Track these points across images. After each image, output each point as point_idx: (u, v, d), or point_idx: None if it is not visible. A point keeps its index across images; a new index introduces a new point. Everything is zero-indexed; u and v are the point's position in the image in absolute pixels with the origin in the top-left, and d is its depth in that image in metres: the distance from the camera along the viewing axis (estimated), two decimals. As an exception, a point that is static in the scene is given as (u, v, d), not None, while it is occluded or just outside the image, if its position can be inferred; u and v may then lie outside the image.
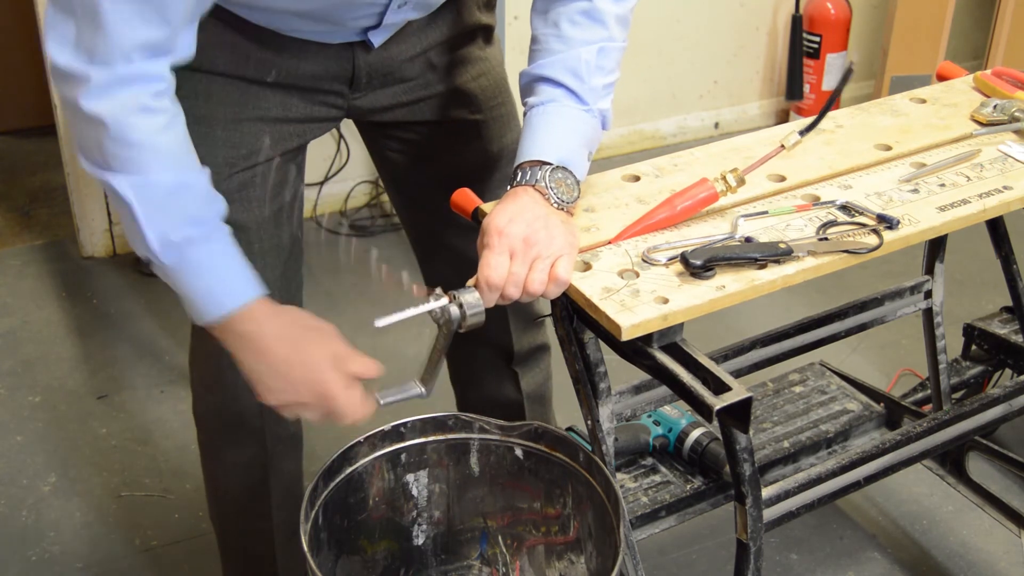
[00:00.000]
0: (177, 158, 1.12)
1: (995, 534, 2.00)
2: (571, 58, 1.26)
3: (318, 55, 1.32)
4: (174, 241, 1.12)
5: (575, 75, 1.26)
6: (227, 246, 1.17)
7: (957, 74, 1.67)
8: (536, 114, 1.27)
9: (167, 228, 1.12)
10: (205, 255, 1.15)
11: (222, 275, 1.16)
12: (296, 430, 1.61)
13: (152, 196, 1.11)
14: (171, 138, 1.12)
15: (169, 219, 1.12)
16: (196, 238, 1.13)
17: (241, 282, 1.17)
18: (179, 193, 1.12)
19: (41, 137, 3.50)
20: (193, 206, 1.14)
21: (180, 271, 1.15)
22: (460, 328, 1.17)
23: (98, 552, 2.01)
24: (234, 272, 1.17)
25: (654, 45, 3.50)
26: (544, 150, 1.23)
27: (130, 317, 2.70)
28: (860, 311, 1.69)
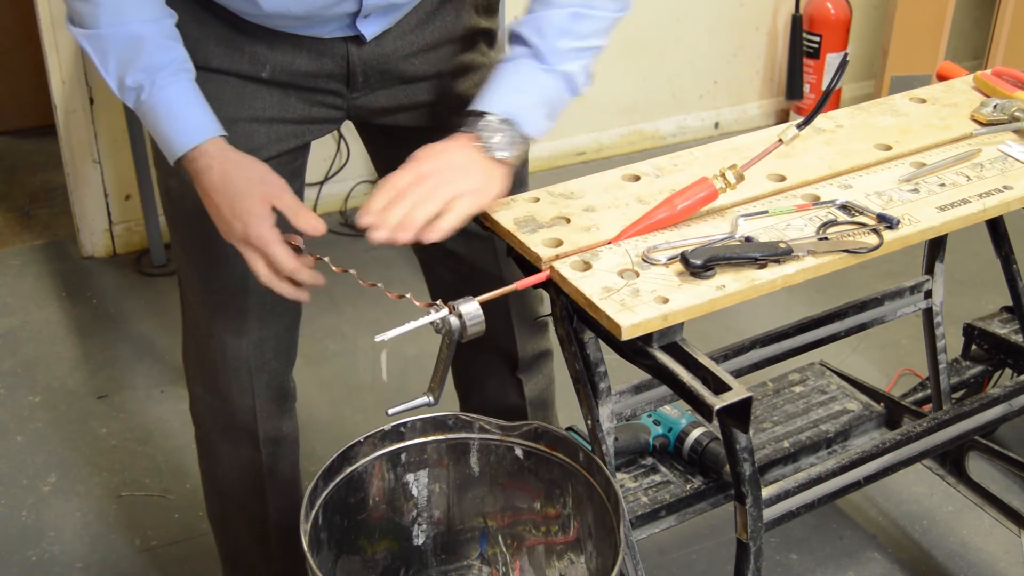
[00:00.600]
0: (120, 13, 1.21)
1: (995, 534, 2.00)
2: (541, 18, 1.29)
3: (311, 50, 1.32)
4: (129, 87, 1.23)
5: (539, 34, 1.28)
6: (179, 91, 1.24)
7: (957, 74, 1.67)
8: (496, 70, 1.30)
9: (120, 75, 1.23)
10: (157, 100, 1.23)
11: (175, 118, 1.23)
12: (292, 431, 1.61)
13: (104, 47, 1.22)
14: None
15: (121, 67, 1.22)
16: (147, 84, 1.22)
17: (191, 125, 1.24)
18: (127, 45, 1.21)
19: (41, 137, 3.50)
20: (143, 57, 1.21)
21: (142, 114, 1.25)
22: (462, 338, 1.17)
23: (98, 552, 2.01)
24: (185, 116, 1.24)
25: (654, 45, 3.50)
26: (490, 102, 1.26)
27: (130, 317, 2.70)
28: (860, 311, 1.69)
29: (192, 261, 1.42)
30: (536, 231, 1.27)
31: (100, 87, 2.82)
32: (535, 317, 1.62)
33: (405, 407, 1.25)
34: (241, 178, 1.22)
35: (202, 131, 1.24)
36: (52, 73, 2.78)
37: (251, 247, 1.22)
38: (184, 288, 1.49)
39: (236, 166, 1.23)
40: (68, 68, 2.78)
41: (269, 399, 1.52)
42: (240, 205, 1.21)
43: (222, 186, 1.22)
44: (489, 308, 1.18)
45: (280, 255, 1.21)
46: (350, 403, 2.39)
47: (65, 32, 2.71)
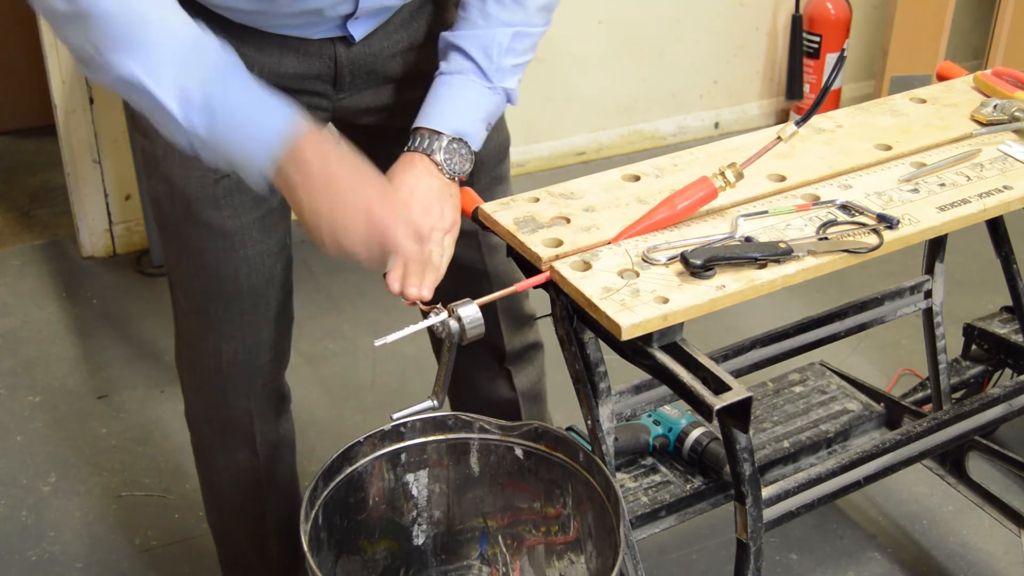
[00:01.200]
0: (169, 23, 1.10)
1: (995, 534, 2.00)
2: (486, 36, 1.32)
3: (299, 51, 1.32)
4: (195, 102, 1.08)
5: (486, 54, 1.32)
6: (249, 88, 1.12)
7: (957, 74, 1.67)
8: (442, 83, 1.33)
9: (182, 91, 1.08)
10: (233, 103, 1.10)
11: (258, 115, 1.11)
12: (288, 433, 1.61)
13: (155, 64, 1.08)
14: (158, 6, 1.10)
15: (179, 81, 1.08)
16: (217, 93, 1.09)
17: (280, 114, 1.12)
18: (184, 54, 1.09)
19: (41, 137, 3.50)
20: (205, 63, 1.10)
21: (216, 131, 1.10)
22: (462, 341, 1.18)
23: (98, 552, 2.01)
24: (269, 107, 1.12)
25: (654, 45, 3.50)
26: (443, 120, 1.29)
27: (130, 317, 2.70)
28: (860, 311, 1.69)
29: (184, 268, 1.41)
30: (536, 231, 1.27)
31: (100, 87, 2.82)
32: (525, 318, 1.62)
33: (409, 412, 1.25)
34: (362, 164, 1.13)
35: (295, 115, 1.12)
36: (52, 73, 2.78)
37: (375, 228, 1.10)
38: (176, 294, 1.48)
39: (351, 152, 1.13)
40: (68, 68, 2.78)
41: (264, 403, 1.52)
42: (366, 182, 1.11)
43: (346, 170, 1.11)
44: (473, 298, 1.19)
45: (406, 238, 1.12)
46: (350, 403, 2.39)
47: (65, 32, 2.72)
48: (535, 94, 3.32)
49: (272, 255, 1.41)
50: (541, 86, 3.33)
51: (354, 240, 1.11)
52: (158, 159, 1.34)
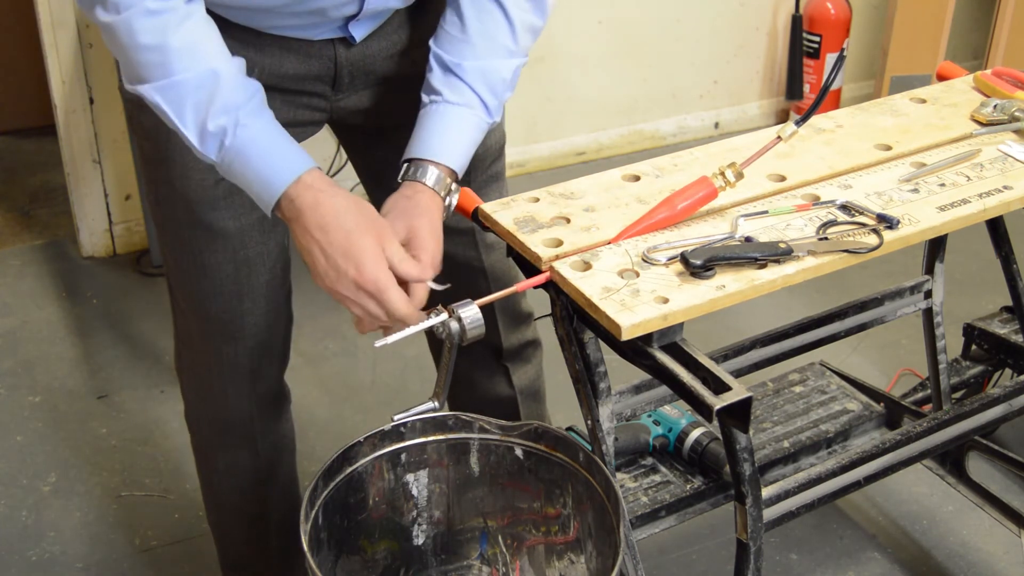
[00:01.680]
0: (194, 54, 1.14)
1: (995, 534, 2.00)
2: (491, 71, 1.30)
3: (299, 52, 1.32)
4: (211, 132, 1.14)
5: (492, 91, 1.30)
6: (266, 127, 1.17)
7: (957, 74, 1.67)
8: (455, 114, 1.29)
9: (200, 122, 1.14)
10: (244, 140, 1.15)
11: (267, 155, 1.16)
12: (288, 433, 1.61)
13: (178, 96, 1.13)
14: (183, 36, 1.13)
15: (199, 114, 1.14)
16: (230, 126, 1.14)
17: (287, 159, 1.17)
18: (204, 87, 1.14)
19: (41, 137, 3.50)
20: (222, 96, 1.14)
21: (228, 163, 1.16)
22: (462, 342, 1.18)
23: (98, 552, 2.01)
24: (279, 150, 1.17)
25: (654, 45, 3.50)
26: (455, 159, 1.28)
27: (130, 317, 2.70)
28: (860, 311, 1.69)
29: (184, 269, 1.41)
30: (536, 231, 1.27)
31: (100, 87, 2.82)
32: (528, 315, 1.62)
33: (410, 413, 1.26)
34: (354, 215, 1.16)
35: (303, 162, 1.17)
36: (52, 73, 2.78)
37: (363, 291, 1.14)
38: (175, 295, 1.48)
39: (348, 201, 1.17)
40: (68, 68, 2.78)
41: (265, 403, 1.52)
42: (355, 245, 1.14)
43: (335, 222, 1.14)
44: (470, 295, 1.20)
45: (397, 301, 1.14)
46: (350, 403, 2.39)
47: (65, 32, 2.72)
48: (535, 94, 3.32)
49: (272, 256, 1.41)
50: (541, 86, 3.33)
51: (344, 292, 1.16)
52: (158, 161, 1.35)
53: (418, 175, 1.26)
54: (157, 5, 1.11)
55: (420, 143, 1.28)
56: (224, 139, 1.15)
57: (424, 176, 1.26)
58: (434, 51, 1.31)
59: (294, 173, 1.16)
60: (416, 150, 1.28)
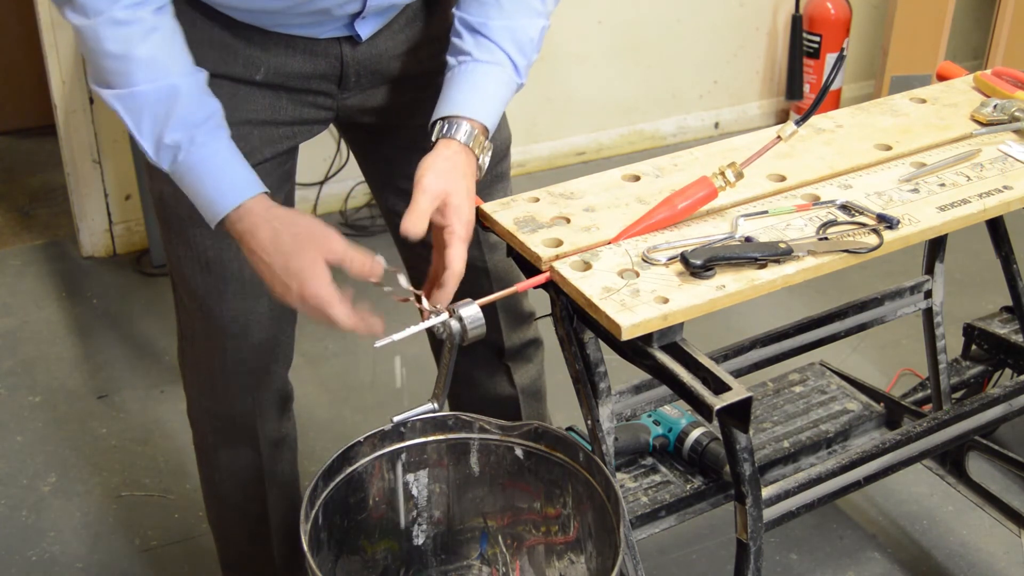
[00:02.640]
0: (156, 67, 1.16)
1: (995, 534, 2.00)
2: (519, 29, 1.29)
3: (305, 51, 1.32)
4: (166, 145, 1.17)
5: (520, 50, 1.30)
6: (219, 148, 1.19)
7: (957, 74, 1.67)
8: (485, 72, 1.29)
9: (156, 135, 1.16)
10: (196, 159, 1.17)
11: (215, 177, 1.18)
12: (290, 432, 1.61)
13: (137, 106, 1.16)
14: (147, 48, 1.15)
15: (156, 126, 1.16)
16: (184, 142, 1.17)
17: (233, 183, 1.19)
18: (163, 101, 1.16)
19: (41, 137, 3.50)
20: (179, 112, 1.16)
21: (179, 176, 1.19)
22: (463, 341, 1.18)
23: (98, 552, 2.01)
24: (226, 174, 1.19)
25: (654, 45, 3.50)
26: (488, 116, 1.27)
27: (130, 317, 2.70)
28: (860, 311, 1.69)
29: (188, 266, 1.41)
30: (536, 231, 1.27)
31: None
32: (530, 314, 1.62)
33: (411, 414, 1.26)
34: (290, 236, 1.18)
35: (245, 189, 1.19)
36: (52, 73, 2.78)
37: (309, 307, 1.17)
38: (179, 293, 1.48)
39: (284, 224, 1.19)
40: (68, 68, 2.78)
41: (268, 402, 1.52)
42: (294, 265, 1.16)
43: (272, 247, 1.18)
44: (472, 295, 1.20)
45: (339, 315, 1.16)
46: (350, 403, 2.39)
47: (65, 32, 2.72)
48: (535, 94, 3.32)
49: None
50: (541, 86, 3.33)
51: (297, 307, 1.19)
52: None
53: (452, 132, 1.25)
54: (124, 15, 1.13)
55: (450, 101, 1.27)
56: (177, 154, 1.17)
57: (458, 132, 1.25)
58: (458, 16, 1.31)
59: (237, 199, 1.18)
60: (447, 108, 1.27)
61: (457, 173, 1.23)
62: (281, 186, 1.41)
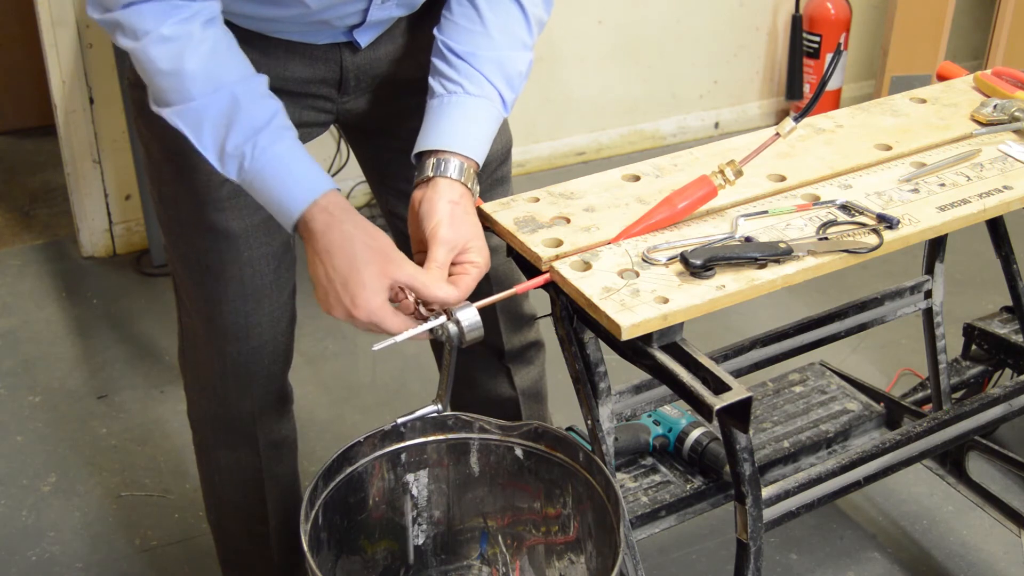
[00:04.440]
0: (211, 79, 1.15)
1: (995, 534, 2.00)
2: (507, 61, 1.28)
3: (304, 57, 1.32)
4: (230, 154, 1.16)
5: (509, 84, 1.29)
6: (284, 149, 1.17)
7: (957, 74, 1.67)
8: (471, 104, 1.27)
9: (219, 145, 1.15)
10: (264, 162, 1.16)
11: (283, 178, 1.17)
12: (290, 434, 1.61)
13: (196, 120, 1.15)
14: (199, 61, 1.14)
15: (218, 136, 1.15)
16: (248, 148, 1.15)
17: (302, 182, 1.17)
18: (222, 111, 1.15)
19: (41, 137, 3.51)
20: (240, 119, 1.15)
21: (248, 183, 1.18)
22: (462, 344, 1.18)
23: (98, 552, 2.01)
24: (300, 171, 1.17)
25: (654, 45, 3.50)
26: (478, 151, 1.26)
27: (130, 317, 2.70)
28: (860, 311, 1.69)
29: (189, 269, 1.41)
30: (536, 231, 1.27)
31: (100, 87, 2.82)
32: (531, 316, 1.62)
33: (413, 417, 1.26)
34: (364, 244, 1.15)
35: (320, 184, 1.17)
36: (52, 73, 2.78)
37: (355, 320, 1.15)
38: (180, 294, 1.48)
39: (360, 230, 1.16)
40: (68, 68, 2.78)
41: (268, 403, 1.52)
42: (356, 275, 1.14)
43: (343, 249, 1.15)
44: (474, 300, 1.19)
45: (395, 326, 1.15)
46: (350, 403, 2.39)
47: (65, 32, 2.72)
48: (535, 94, 3.32)
49: (276, 257, 1.41)
50: (541, 86, 3.33)
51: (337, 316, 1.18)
52: (163, 161, 1.35)
53: (446, 170, 1.24)
54: (172, 31, 1.12)
55: (442, 134, 1.26)
56: (243, 162, 1.16)
57: (452, 170, 1.24)
58: (442, 41, 1.29)
59: (311, 196, 1.16)
60: (438, 141, 1.25)
61: (469, 218, 1.23)
62: None
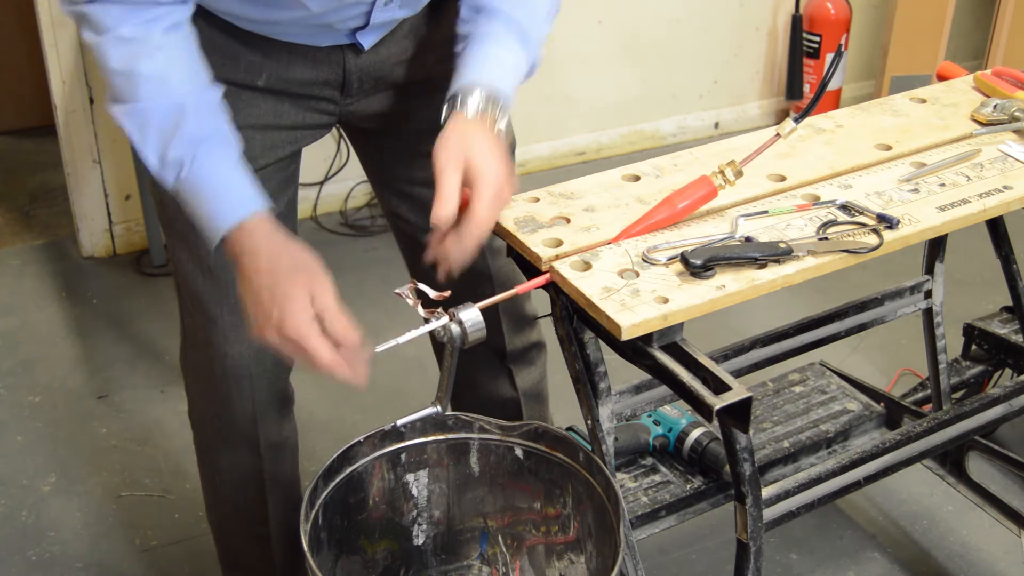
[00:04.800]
0: (162, 84, 1.16)
1: (995, 534, 2.00)
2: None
3: (307, 59, 1.32)
4: (169, 161, 1.16)
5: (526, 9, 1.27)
6: (224, 164, 1.18)
7: (957, 74, 1.67)
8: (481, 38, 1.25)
9: (162, 149, 1.16)
10: (199, 175, 1.16)
11: (218, 192, 1.17)
12: (291, 435, 1.61)
13: (142, 121, 1.16)
14: (153, 65, 1.15)
15: (162, 140, 1.16)
16: (187, 158, 1.16)
17: (233, 201, 1.17)
18: (168, 118, 1.15)
19: (41, 137, 3.50)
20: (183, 128, 1.16)
21: (181, 191, 1.18)
22: (464, 345, 1.17)
23: (98, 552, 2.01)
24: (231, 189, 1.18)
25: (654, 45, 3.50)
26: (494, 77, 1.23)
27: (130, 317, 2.70)
28: (860, 311, 1.69)
29: (190, 272, 1.41)
30: (536, 231, 1.27)
31: (100, 87, 2.82)
32: (533, 317, 1.62)
33: (413, 417, 1.26)
34: (289, 265, 1.15)
35: (248, 204, 1.17)
36: (52, 73, 2.78)
37: (287, 340, 1.13)
38: (182, 295, 1.48)
39: (286, 249, 1.16)
40: (68, 68, 2.78)
41: (269, 405, 1.52)
42: (280, 290, 1.13)
43: (268, 269, 1.14)
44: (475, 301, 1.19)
45: (318, 349, 1.11)
46: (350, 403, 2.39)
47: (65, 32, 2.72)
48: (535, 94, 3.32)
49: None
50: (541, 86, 3.33)
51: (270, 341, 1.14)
52: None
53: (458, 106, 1.21)
54: (131, 33, 1.14)
55: (456, 78, 1.24)
56: (180, 171, 1.16)
57: (464, 104, 1.21)
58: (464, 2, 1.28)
59: (238, 216, 1.16)
60: (452, 87, 1.23)
61: (473, 138, 1.19)
62: (285, 189, 1.41)
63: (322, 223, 3.12)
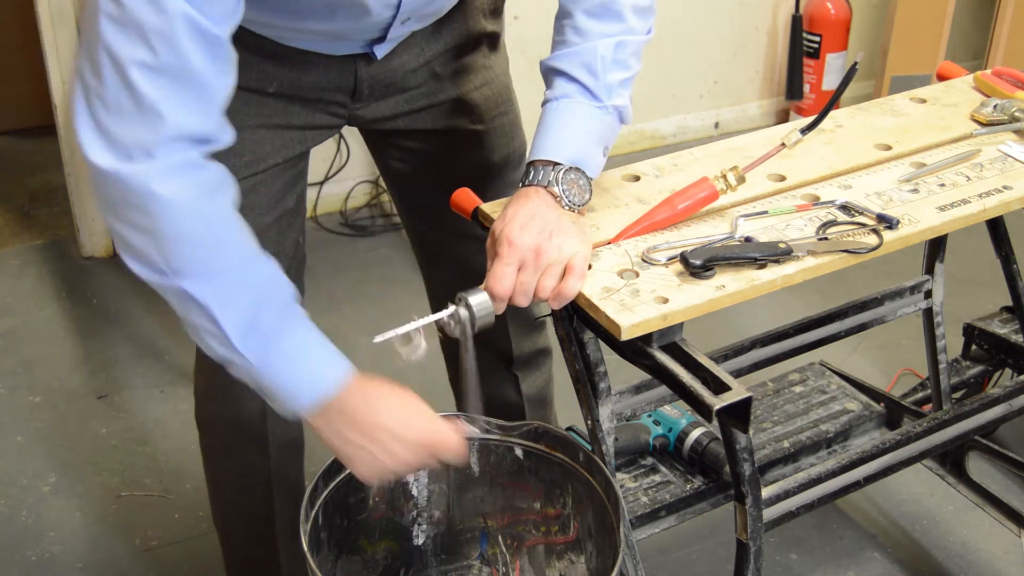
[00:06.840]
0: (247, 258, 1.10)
1: (995, 534, 2.00)
2: (587, 52, 1.25)
3: (319, 66, 1.32)
4: (262, 330, 1.09)
5: (590, 71, 1.25)
6: (310, 326, 1.14)
7: (957, 74, 1.67)
8: (550, 110, 1.26)
9: (247, 319, 1.08)
10: (291, 339, 1.12)
11: (313, 355, 1.13)
12: (298, 435, 1.60)
13: (225, 291, 1.08)
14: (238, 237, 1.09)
15: (247, 310, 1.08)
16: (277, 324, 1.10)
17: (334, 359, 1.15)
18: (249, 284, 1.10)
19: (41, 137, 3.50)
20: (268, 294, 1.11)
21: (266, 362, 1.11)
22: (473, 329, 1.16)
23: (98, 552, 2.01)
24: (325, 350, 1.14)
25: (654, 45, 3.46)
26: (556, 150, 1.22)
27: (130, 317, 2.70)
28: (860, 311, 1.69)
29: None
30: (536, 231, 1.26)
31: (100, 87, 2.82)
32: (534, 317, 1.62)
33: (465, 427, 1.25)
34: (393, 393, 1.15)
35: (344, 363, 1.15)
36: (52, 73, 2.78)
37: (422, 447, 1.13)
38: None
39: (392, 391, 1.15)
40: (68, 68, 2.78)
41: None
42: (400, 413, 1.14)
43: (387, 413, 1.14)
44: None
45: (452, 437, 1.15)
46: (350, 403, 2.39)
47: (65, 32, 2.72)
48: (535, 94, 3.31)
49: (287, 257, 1.41)
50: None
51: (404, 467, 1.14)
52: None
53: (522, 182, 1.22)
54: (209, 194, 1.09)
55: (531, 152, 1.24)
56: (271, 337, 1.10)
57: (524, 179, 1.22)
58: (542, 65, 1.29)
59: (342, 373, 1.14)
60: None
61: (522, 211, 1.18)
62: (293, 187, 1.41)
63: (322, 223, 3.12)
